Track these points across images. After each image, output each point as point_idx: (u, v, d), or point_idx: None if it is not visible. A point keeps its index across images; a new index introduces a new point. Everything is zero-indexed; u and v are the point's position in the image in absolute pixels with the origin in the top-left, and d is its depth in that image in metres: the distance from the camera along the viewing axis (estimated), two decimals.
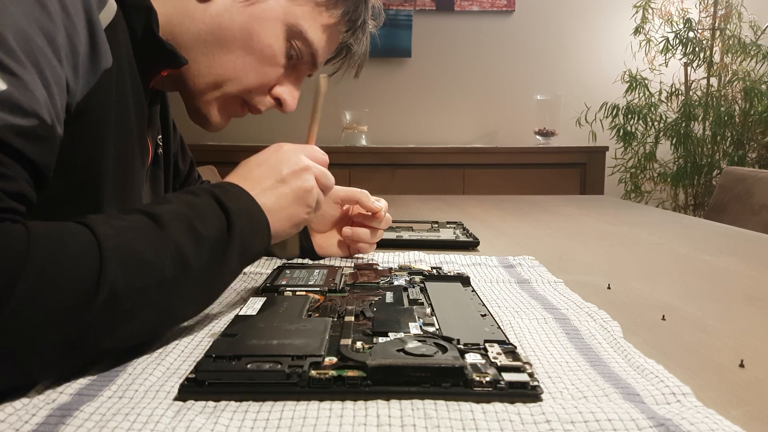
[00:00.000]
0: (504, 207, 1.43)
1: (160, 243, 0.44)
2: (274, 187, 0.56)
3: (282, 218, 0.56)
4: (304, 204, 0.57)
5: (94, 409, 0.36)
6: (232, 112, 0.69)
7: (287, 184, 0.56)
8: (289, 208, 0.56)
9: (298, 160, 0.58)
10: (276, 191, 0.56)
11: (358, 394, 0.38)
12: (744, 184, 1.59)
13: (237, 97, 0.67)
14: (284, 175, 0.56)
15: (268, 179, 0.56)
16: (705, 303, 0.64)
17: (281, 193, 0.56)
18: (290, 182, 0.57)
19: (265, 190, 0.55)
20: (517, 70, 2.93)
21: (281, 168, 0.57)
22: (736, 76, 2.55)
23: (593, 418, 0.35)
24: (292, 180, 0.57)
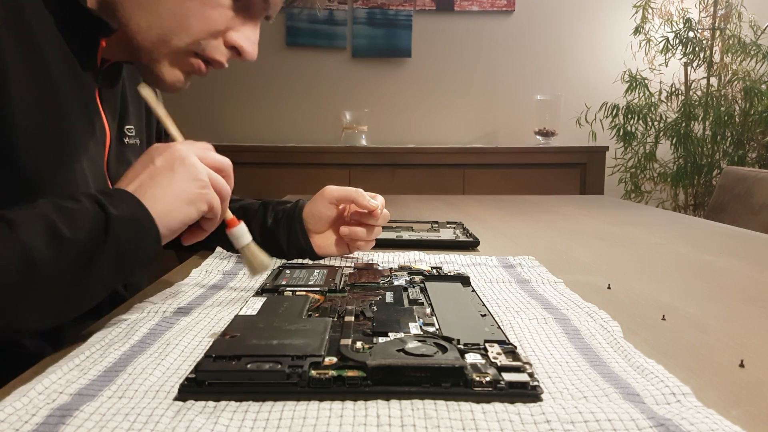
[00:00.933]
0: (504, 207, 1.43)
1: (3, 245, 0.44)
2: (150, 176, 0.54)
3: (162, 198, 0.53)
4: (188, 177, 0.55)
5: (94, 409, 0.36)
6: (187, 67, 0.65)
7: (162, 167, 0.54)
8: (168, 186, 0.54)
9: (172, 147, 0.56)
10: (151, 178, 0.54)
11: (358, 394, 0.38)
12: (744, 184, 1.59)
13: (188, 50, 0.63)
14: (157, 161, 0.55)
15: (142, 172, 0.55)
16: (705, 303, 0.64)
17: (156, 177, 0.54)
18: (165, 164, 0.55)
19: (142, 183, 0.54)
20: (517, 70, 2.93)
21: (154, 155, 0.55)
22: (736, 76, 2.55)
23: (593, 418, 0.35)
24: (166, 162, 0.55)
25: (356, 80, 2.90)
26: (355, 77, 2.89)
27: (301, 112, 2.88)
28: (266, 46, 2.83)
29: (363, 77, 2.90)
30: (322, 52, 2.86)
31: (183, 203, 0.54)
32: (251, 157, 2.43)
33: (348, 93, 2.89)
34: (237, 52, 0.65)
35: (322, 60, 2.87)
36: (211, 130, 2.82)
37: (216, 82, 2.83)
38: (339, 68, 2.88)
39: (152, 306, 0.58)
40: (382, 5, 2.84)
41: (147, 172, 0.54)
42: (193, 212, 0.55)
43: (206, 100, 2.84)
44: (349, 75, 2.89)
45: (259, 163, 2.43)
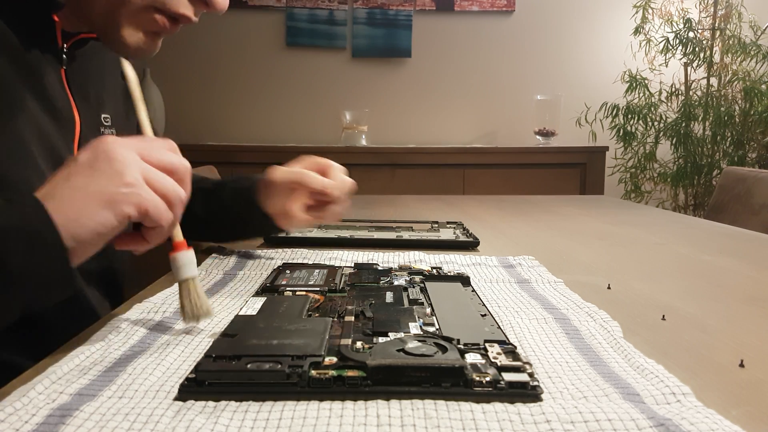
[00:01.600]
0: (504, 207, 1.43)
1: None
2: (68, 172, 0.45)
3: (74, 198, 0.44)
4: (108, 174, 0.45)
5: (94, 409, 0.36)
6: (151, 26, 0.58)
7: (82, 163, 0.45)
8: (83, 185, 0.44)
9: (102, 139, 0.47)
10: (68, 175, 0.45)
11: (358, 394, 0.38)
12: (744, 184, 1.59)
13: (148, 7, 0.56)
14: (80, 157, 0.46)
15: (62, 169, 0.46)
16: (705, 303, 0.64)
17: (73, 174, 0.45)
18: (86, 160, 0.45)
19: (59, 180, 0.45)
20: (517, 70, 2.93)
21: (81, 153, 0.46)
22: (736, 76, 2.55)
23: (593, 418, 0.35)
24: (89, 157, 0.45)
25: (356, 80, 2.89)
26: (355, 77, 2.89)
27: (301, 112, 2.88)
28: (266, 46, 2.83)
29: (363, 77, 2.90)
30: (322, 52, 2.86)
31: (97, 206, 0.44)
32: (251, 157, 2.43)
33: (348, 93, 2.89)
34: (204, 3, 0.58)
35: (322, 60, 2.87)
36: (211, 130, 2.82)
37: (216, 82, 2.83)
38: (339, 68, 2.88)
39: (152, 306, 0.58)
40: (382, 5, 2.84)
41: (65, 171, 0.46)
42: (111, 217, 0.44)
43: (206, 100, 2.85)
44: (349, 75, 2.89)
45: (259, 163, 2.42)
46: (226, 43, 2.81)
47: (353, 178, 0.81)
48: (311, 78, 2.88)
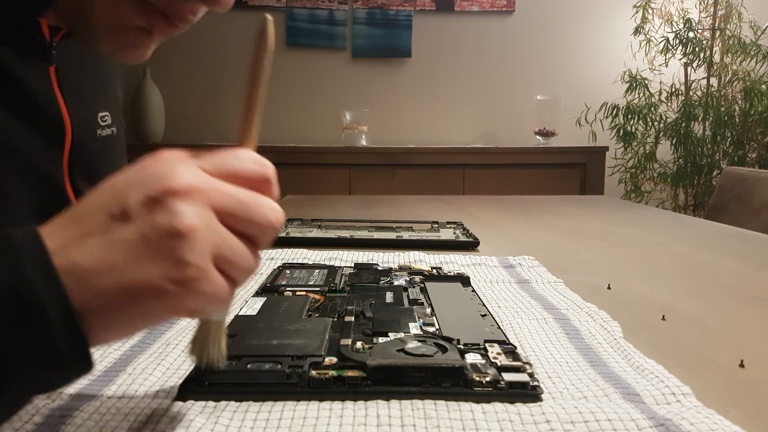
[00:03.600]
0: (504, 207, 1.43)
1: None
2: (103, 230, 0.30)
3: (106, 287, 0.29)
4: (164, 259, 0.29)
5: (94, 409, 0.36)
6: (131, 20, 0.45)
7: (131, 221, 0.30)
8: (127, 265, 0.29)
9: (167, 179, 0.30)
10: (105, 237, 0.30)
11: (358, 394, 0.38)
12: (744, 184, 1.59)
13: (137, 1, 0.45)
14: (130, 205, 0.30)
15: (99, 214, 0.30)
16: (705, 303, 0.64)
17: (114, 240, 0.30)
18: (137, 218, 0.30)
19: (87, 236, 0.30)
20: (517, 70, 2.93)
21: (130, 193, 0.30)
22: (736, 76, 2.55)
23: (593, 418, 0.35)
24: (141, 214, 0.30)
25: (356, 80, 2.90)
26: (355, 77, 2.89)
27: (301, 112, 2.88)
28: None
29: (363, 77, 2.90)
30: (322, 52, 2.86)
31: (139, 302, 0.30)
32: None
33: (348, 93, 2.89)
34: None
35: (322, 60, 2.87)
36: (211, 130, 2.82)
37: (216, 82, 2.83)
38: (339, 68, 2.88)
39: None
40: (382, 5, 2.84)
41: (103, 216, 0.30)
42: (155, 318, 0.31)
43: (206, 100, 2.85)
44: (349, 75, 2.89)
45: None
46: (226, 43, 2.81)
47: (353, 178, 0.80)
48: (311, 78, 2.88)
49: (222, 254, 0.31)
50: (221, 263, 0.31)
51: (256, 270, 0.34)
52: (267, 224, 0.33)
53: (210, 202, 0.31)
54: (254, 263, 0.33)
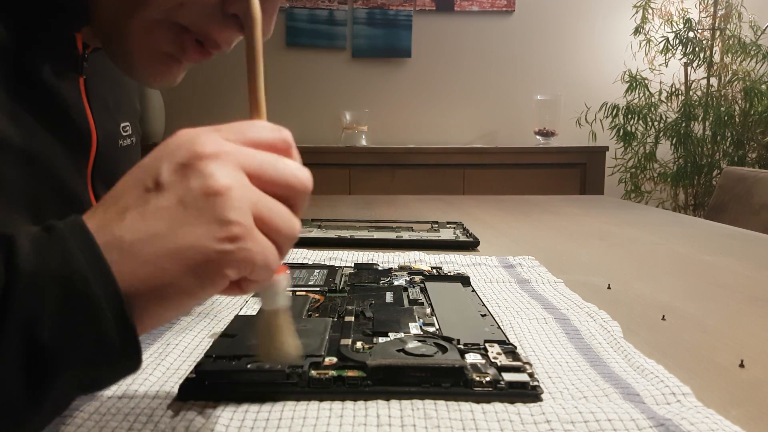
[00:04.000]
0: (504, 207, 1.43)
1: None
2: (140, 203, 0.30)
3: (154, 254, 0.29)
4: (206, 219, 0.29)
5: (94, 409, 0.36)
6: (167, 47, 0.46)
7: (166, 189, 0.30)
8: (171, 231, 0.29)
9: (194, 146, 0.31)
10: (143, 208, 0.30)
11: (358, 394, 0.38)
12: (744, 184, 1.59)
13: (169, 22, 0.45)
14: (163, 175, 0.30)
15: (133, 190, 0.31)
16: (705, 303, 0.64)
17: (151, 210, 0.30)
18: (172, 186, 0.30)
19: (126, 211, 0.30)
20: (517, 70, 2.93)
21: (160, 165, 0.31)
22: (736, 76, 2.55)
23: (593, 418, 0.35)
24: (175, 181, 0.30)
25: (356, 80, 2.90)
26: (355, 77, 2.89)
27: (301, 112, 2.88)
28: (266, 46, 2.82)
29: (363, 77, 2.90)
30: (322, 52, 2.86)
31: (185, 268, 0.29)
32: None
33: (348, 93, 2.89)
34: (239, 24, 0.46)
35: (322, 60, 2.87)
36: None
37: (216, 82, 2.83)
38: (339, 68, 2.88)
39: None
40: (382, 5, 2.84)
41: (138, 190, 0.31)
42: (203, 285, 0.30)
43: (206, 100, 2.85)
44: (349, 75, 2.89)
45: None
46: None
47: (353, 178, 0.80)
48: (311, 78, 2.88)
49: (261, 214, 0.31)
50: (262, 225, 0.31)
51: (297, 234, 0.33)
52: (297, 182, 0.33)
53: (238, 163, 0.31)
54: (295, 226, 0.33)
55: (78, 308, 0.27)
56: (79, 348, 0.27)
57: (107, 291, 0.28)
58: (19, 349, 0.26)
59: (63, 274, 0.27)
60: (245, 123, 0.35)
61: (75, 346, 0.27)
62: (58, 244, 0.28)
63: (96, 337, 0.27)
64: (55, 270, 0.27)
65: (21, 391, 0.26)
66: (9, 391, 0.26)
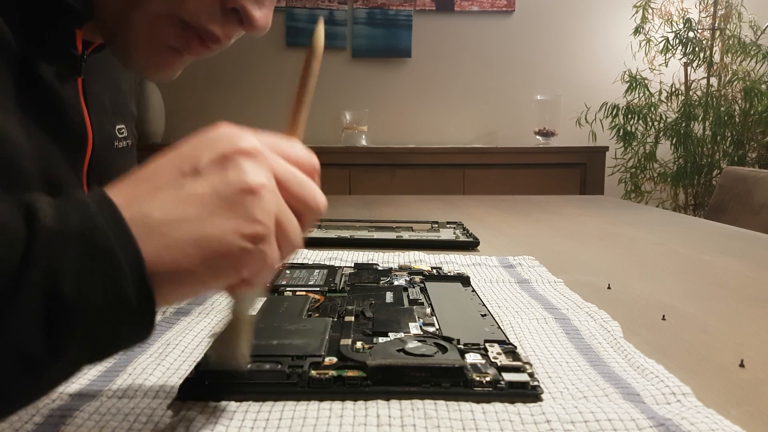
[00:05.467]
0: (504, 207, 1.43)
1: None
2: (175, 185, 0.30)
3: (179, 239, 0.29)
4: (236, 214, 0.30)
5: (94, 409, 0.36)
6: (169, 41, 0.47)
7: (202, 177, 0.31)
8: (200, 218, 0.30)
9: (236, 141, 0.32)
10: (177, 191, 0.30)
11: (358, 394, 0.38)
12: (744, 184, 1.59)
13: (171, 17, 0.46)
14: (202, 163, 0.31)
15: (169, 172, 0.31)
16: (705, 303, 0.64)
17: (184, 194, 0.30)
18: (209, 174, 0.31)
19: (158, 191, 0.30)
20: (517, 70, 2.93)
21: (200, 153, 0.31)
22: (736, 76, 2.55)
23: (593, 418, 0.35)
24: (213, 171, 0.31)
25: (356, 80, 2.89)
26: (355, 77, 2.89)
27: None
28: (266, 46, 2.83)
29: (363, 77, 2.90)
30: None
31: (203, 257, 0.30)
32: None
33: (348, 93, 2.89)
34: (239, 18, 0.47)
35: (323, 60, 2.87)
36: None
37: (216, 82, 2.83)
38: (339, 68, 2.88)
39: None
40: (382, 5, 2.84)
41: (174, 172, 0.31)
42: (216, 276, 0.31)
43: (206, 100, 2.85)
44: (349, 75, 2.89)
45: None
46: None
47: (353, 178, 0.80)
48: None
49: (281, 220, 0.32)
50: (279, 233, 0.32)
51: (299, 247, 0.34)
52: (314, 204, 0.34)
53: (273, 168, 0.32)
54: (300, 242, 0.34)
55: (98, 263, 0.27)
56: (98, 303, 0.27)
57: (128, 252, 0.28)
58: (40, 302, 0.26)
59: (84, 230, 0.27)
60: (282, 138, 0.36)
61: (94, 301, 0.27)
62: (80, 206, 0.28)
63: (114, 293, 0.27)
64: (76, 227, 0.27)
65: (41, 343, 0.26)
66: (29, 342, 0.26)
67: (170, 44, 0.48)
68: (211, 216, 0.30)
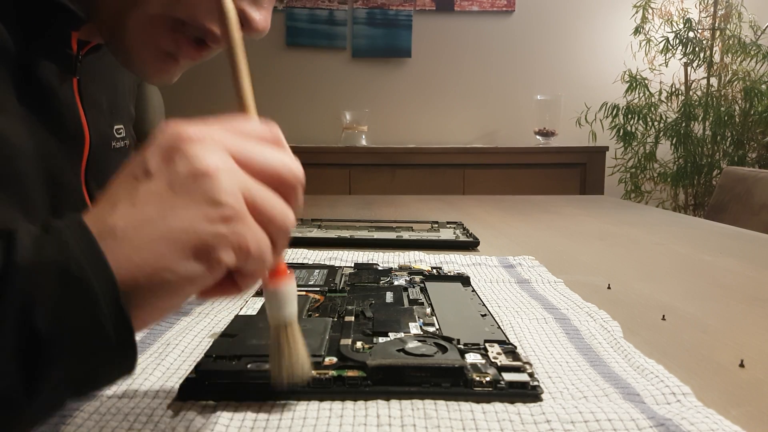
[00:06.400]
0: (504, 207, 1.43)
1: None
2: (130, 192, 0.30)
3: (146, 239, 0.29)
4: (195, 201, 0.30)
5: (94, 409, 0.36)
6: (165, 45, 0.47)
7: (154, 176, 0.30)
8: (161, 215, 0.29)
9: (179, 132, 0.31)
10: (133, 196, 0.30)
11: (358, 394, 0.38)
12: (744, 184, 1.59)
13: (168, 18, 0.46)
14: (151, 164, 0.31)
15: (125, 182, 0.31)
16: (705, 303, 0.64)
17: (141, 197, 0.30)
18: (160, 171, 0.30)
19: (118, 202, 0.30)
20: (517, 70, 2.93)
21: (148, 155, 0.31)
22: (736, 76, 2.55)
23: (593, 418, 0.35)
24: (162, 167, 0.30)
25: (356, 80, 2.89)
26: (355, 77, 2.89)
27: (301, 112, 2.87)
28: (266, 46, 2.83)
29: (363, 77, 2.90)
30: (322, 52, 2.86)
31: (180, 253, 0.29)
32: None
33: (348, 93, 2.89)
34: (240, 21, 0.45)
35: (322, 60, 2.87)
36: None
37: (216, 82, 2.83)
38: (339, 68, 2.88)
39: None
40: (382, 5, 2.84)
41: (127, 186, 0.31)
42: (199, 270, 0.30)
43: (206, 100, 2.84)
44: (349, 75, 2.89)
45: None
46: None
47: (353, 178, 0.80)
48: (311, 78, 2.88)
49: (253, 200, 0.31)
50: (255, 213, 0.31)
51: (292, 227, 0.33)
52: (286, 171, 0.33)
53: (225, 147, 0.31)
54: (289, 217, 0.32)
55: (73, 295, 0.27)
56: (74, 335, 0.27)
57: (102, 280, 0.27)
58: (15, 336, 0.26)
59: (58, 261, 0.27)
60: (233, 116, 0.35)
61: (70, 334, 0.27)
62: (55, 236, 0.28)
63: (90, 324, 0.27)
64: (50, 258, 0.27)
65: (17, 380, 0.26)
66: (5, 379, 0.26)
67: (165, 49, 0.48)
68: (171, 209, 0.29)
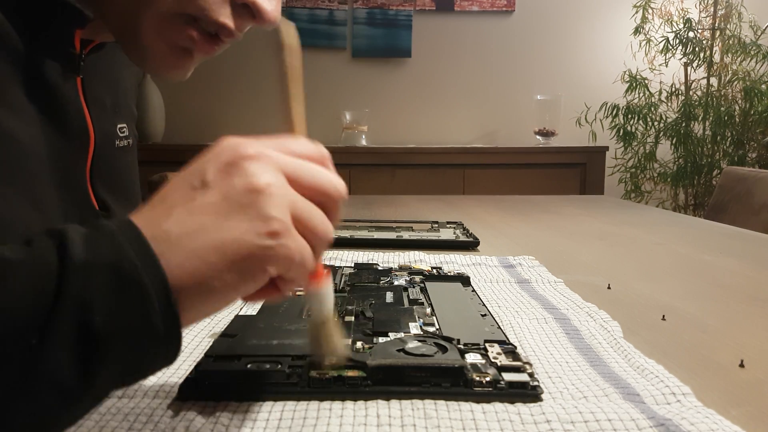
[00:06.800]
0: (504, 207, 1.43)
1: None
2: (187, 200, 0.32)
3: (199, 248, 0.30)
4: (249, 215, 0.31)
5: (94, 409, 0.36)
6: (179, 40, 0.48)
7: (211, 187, 0.32)
8: (215, 225, 0.31)
9: (238, 149, 0.33)
10: (190, 204, 0.32)
11: (358, 394, 0.38)
12: (744, 184, 1.59)
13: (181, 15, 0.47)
14: (209, 175, 0.33)
15: (181, 189, 0.33)
16: (705, 303, 0.64)
17: (197, 206, 0.32)
18: (217, 184, 0.32)
19: (173, 208, 0.32)
20: (517, 70, 2.93)
21: (207, 167, 0.33)
22: (736, 76, 2.55)
23: (593, 418, 0.35)
24: (220, 179, 0.32)
25: (356, 80, 2.89)
26: (355, 77, 2.89)
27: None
28: (266, 46, 2.83)
29: (363, 77, 2.90)
30: (322, 52, 2.86)
31: (229, 262, 0.31)
32: None
33: (348, 93, 2.89)
34: (250, 12, 0.48)
35: (322, 60, 2.87)
36: (211, 130, 2.82)
37: (216, 82, 2.83)
38: (339, 68, 2.88)
39: None
40: (382, 5, 2.84)
41: (180, 193, 0.32)
42: (246, 280, 0.32)
43: (206, 100, 2.85)
44: (349, 75, 2.89)
45: None
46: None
47: (353, 178, 0.80)
48: (311, 78, 2.88)
49: (298, 214, 0.33)
50: (299, 225, 0.33)
51: (332, 238, 0.35)
52: (332, 188, 0.36)
53: (278, 165, 0.33)
54: (329, 229, 0.35)
55: (127, 295, 0.28)
56: (128, 334, 0.28)
57: (155, 279, 0.29)
58: (73, 334, 0.27)
59: (113, 262, 0.28)
60: (285, 137, 0.38)
61: (124, 331, 0.28)
62: (108, 237, 0.29)
63: (143, 324, 0.29)
64: (105, 258, 0.28)
65: (73, 375, 0.27)
66: (62, 374, 0.27)
67: (180, 45, 0.49)
68: (225, 221, 0.31)
